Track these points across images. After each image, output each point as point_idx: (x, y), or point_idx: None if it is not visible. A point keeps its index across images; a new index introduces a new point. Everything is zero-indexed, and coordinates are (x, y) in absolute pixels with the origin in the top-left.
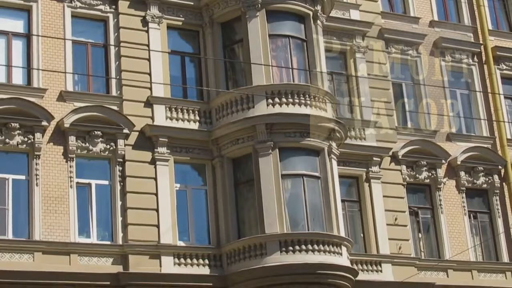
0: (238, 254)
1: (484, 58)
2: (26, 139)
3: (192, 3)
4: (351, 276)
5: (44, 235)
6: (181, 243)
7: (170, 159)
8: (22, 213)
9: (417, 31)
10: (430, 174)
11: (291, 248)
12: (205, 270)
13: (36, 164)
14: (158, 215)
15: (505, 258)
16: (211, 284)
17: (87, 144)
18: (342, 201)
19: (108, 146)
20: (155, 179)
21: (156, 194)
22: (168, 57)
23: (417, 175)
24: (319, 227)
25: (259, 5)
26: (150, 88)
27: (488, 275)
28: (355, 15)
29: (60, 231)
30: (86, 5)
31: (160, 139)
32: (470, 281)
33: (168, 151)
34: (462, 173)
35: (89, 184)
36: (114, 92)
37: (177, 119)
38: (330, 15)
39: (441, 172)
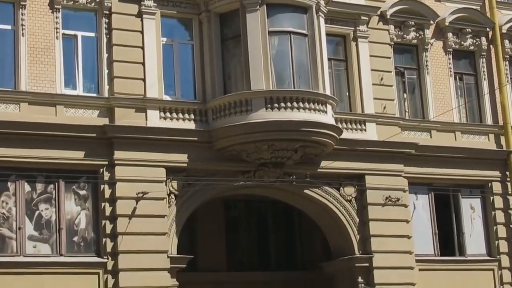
0: (223, 109)
1: None
2: None
3: None
4: (335, 134)
5: (30, 85)
6: (167, 97)
7: (157, 13)
8: (7, 63)
9: None
10: (417, 34)
11: (276, 105)
12: (191, 125)
13: (22, 14)
14: (144, 68)
15: (489, 120)
16: (196, 138)
17: None
18: (329, 59)
19: None
20: (142, 32)
21: (143, 48)
22: None
23: (405, 35)
24: (305, 85)
25: None
26: None
27: (471, 136)
28: None
29: (46, 82)
30: None
31: None
32: (453, 142)
33: (155, 4)
34: (450, 34)
35: (75, 36)
36: None
37: None
38: None
39: (428, 32)
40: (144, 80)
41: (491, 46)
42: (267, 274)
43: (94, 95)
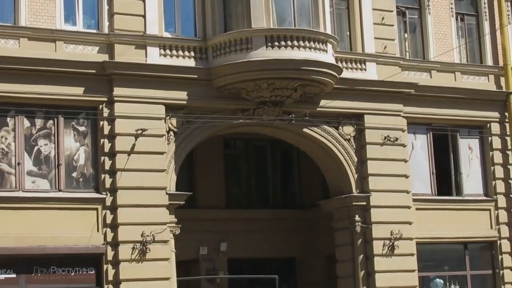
0: (224, 47)
1: None
2: None
3: None
4: (335, 73)
5: (30, 21)
6: (167, 34)
7: None
8: None
9: None
10: None
11: (277, 43)
12: (191, 62)
13: None
14: (145, 5)
15: (489, 61)
16: (195, 76)
17: None
18: None
19: None
20: None
21: None
22: None
23: None
24: (305, 24)
25: None
26: None
27: (471, 77)
28: None
29: (46, 18)
30: None
31: None
32: (453, 82)
33: None
34: None
35: None
36: None
37: None
38: None
39: None
40: (144, 16)
41: None
42: (266, 212)
43: (94, 31)
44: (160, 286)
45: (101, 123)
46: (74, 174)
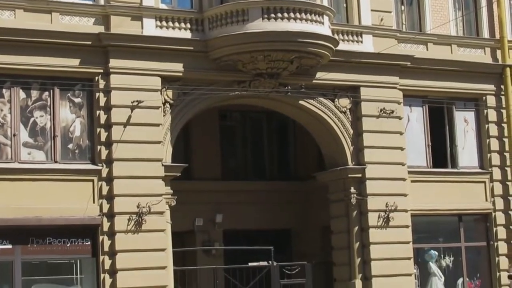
0: (220, 19)
1: None
2: None
3: None
4: (331, 46)
5: None
6: (163, 6)
7: None
8: None
9: None
10: None
11: (273, 15)
12: (187, 34)
13: None
14: None
15: (486, 33)
16: (192, 48)
17: None
18: None
19: None
20: None
21: None
22: None
23: None
24: None
25: None
26: None
27: (467, 50)
28: None
29: None
30: None
31: None
32: (449, 55)
33: None
34: None
35: None
36: None
37: None
38: None
39: None
40: None
41: None
42: (262, 183)
43: (90, 2)
44: (156, 257)
45: (97, 94)
46: (70, 146)
